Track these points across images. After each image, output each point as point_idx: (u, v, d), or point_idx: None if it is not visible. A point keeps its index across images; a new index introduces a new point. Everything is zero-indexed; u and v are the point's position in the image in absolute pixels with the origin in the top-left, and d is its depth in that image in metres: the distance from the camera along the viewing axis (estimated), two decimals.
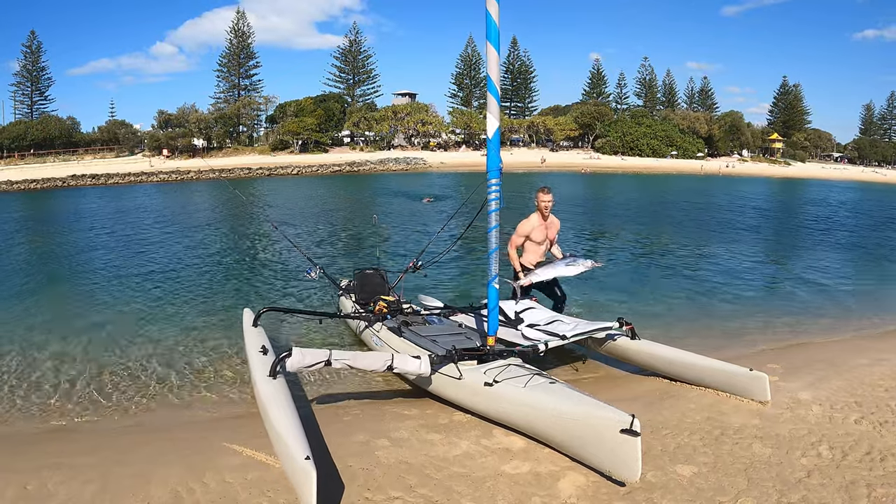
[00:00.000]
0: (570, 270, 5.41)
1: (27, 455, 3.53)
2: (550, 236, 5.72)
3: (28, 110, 69.52)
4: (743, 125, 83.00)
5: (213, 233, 15.22)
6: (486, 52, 3.84)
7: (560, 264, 5.45)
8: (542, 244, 5.67)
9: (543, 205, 5.55)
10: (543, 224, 5.63)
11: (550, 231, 5.71)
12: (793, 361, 5.13)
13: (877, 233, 17.76)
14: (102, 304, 7.73)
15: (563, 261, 5.49)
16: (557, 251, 5.81)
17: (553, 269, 5.44)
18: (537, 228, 5.62)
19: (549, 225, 5.70)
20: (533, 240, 5.63)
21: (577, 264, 5.36)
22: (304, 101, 69.64)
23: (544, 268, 5.48)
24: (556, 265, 5.46)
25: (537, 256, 5.69)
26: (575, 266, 5.38)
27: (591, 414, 2.99)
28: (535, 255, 5.68)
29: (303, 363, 3.68)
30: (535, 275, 5.41)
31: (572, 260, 5.43)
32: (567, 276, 5.44)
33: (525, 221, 5.63)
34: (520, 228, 5.62)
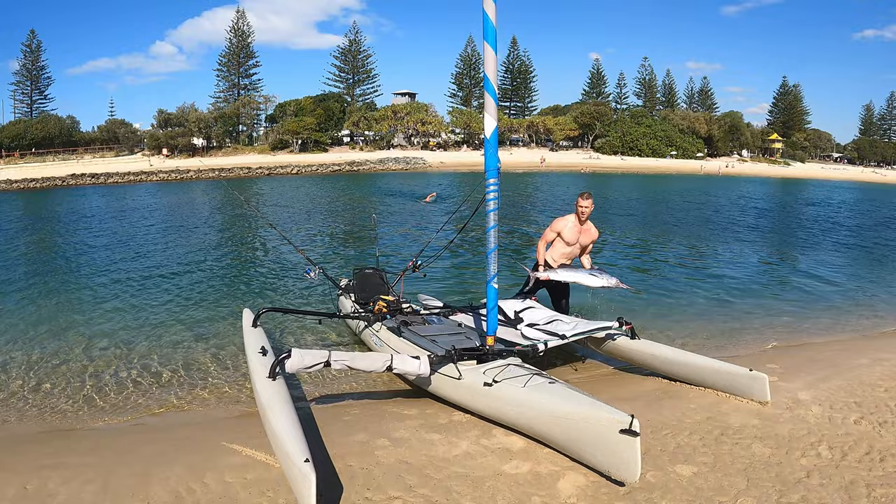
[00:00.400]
0: (591, 281, 5.21)
1: (27, 455, 3.53)
2: (583, 242, 5.62)
3: (28, 109, 69.61)
4: (742, 125, 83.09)
5: (213, 233, 15.22)
6: (484, 53, 3.84)
7: (583, 272, 5.33)
8: (571, 246, 5.60)
9: (581, 209, 5.48)
10: (578, 227, 5.58)
11: (584, 237, 5.62)
12: (792, 361, 5.13)
13: (876, 233, 17.77)
14: (102, 303, 7.73)
15: (587, 270, 5.38)
16: (587, 262, 5.69)
17: (574, 273, 5.34)
18: (570, 229, 5.56)
19: (585, 231, 5.62)
20: (564, 238, 5.58)
21: (601, 277, 5.17)
22: (304, 101, 69.69)
23: (567, 270, 5.42)
24: (578, 271, 5.35)
25: (563, 257, 5.62)
26: (597, 278, 5.18)
27: (590, 414, 2.99)
28: (560, 255, 5.61)
29: (302, 364, 3.68)
30: (555, 273, 5.34)
31: (598, 272, 5.26)
32: (587, 285, 5.26)
33: (561, 218, 5.63)
34: (554, 224, 5.62)
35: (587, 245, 5.67)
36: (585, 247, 5.64)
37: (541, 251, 5.60)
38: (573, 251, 5.64)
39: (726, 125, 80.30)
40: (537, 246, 5.65)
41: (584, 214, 5.51)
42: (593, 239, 5.72)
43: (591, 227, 5.67)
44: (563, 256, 5.64)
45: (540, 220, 18.30)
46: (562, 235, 5.57)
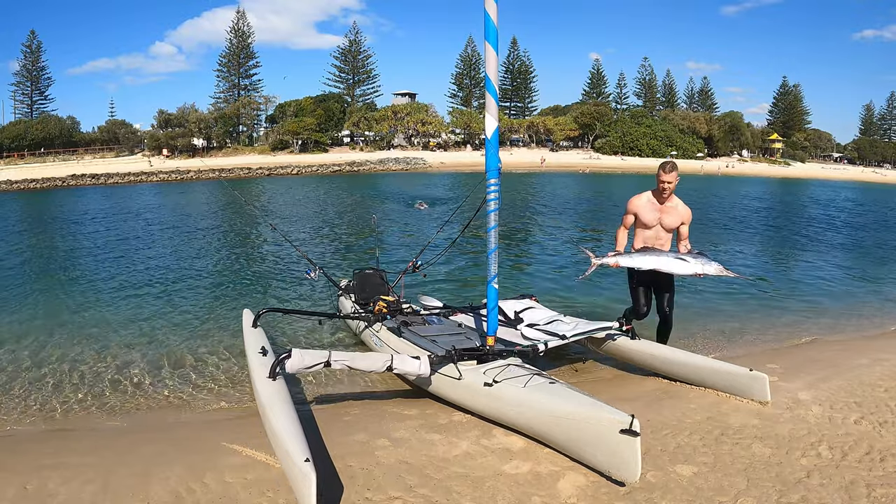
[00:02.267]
0: (679, 267, 4.41)
1: (27, 455, 3.53)
2: (667, 223, 4.73)
3: (28, 110, 69.66)
4: (743, 125, 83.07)
5: (213, 233, 15.22)
6: (485, 53, 3.84)
7: (667, 256, 4.49)
8: (651, 228, 4.77)
9: (662, 185, 4.65)
10: (657, 205, 4.75)
11: (667, 217, 4.72)
12: (792, 361, 5.13)
13: (876, 233, 17.77)
14: (102, 303, 7.73)
15: (674, 253, 4.53)
16: (684, 250, 4.78)
17: (651, 257, 4.46)
18: (647, 207, 4.74)
19: (668, 210, 4.72)
20: (642, 220, 4.77)
21: (693, 263, 4.36)
22: (304, 101, 69.72)
23: (643, 254, 4.56)
24: (658, 253, 4.51)
25: (644, 243, 4.79)
26: (687, 264, 4.38)
27: (590, 414, 2.99)
28: (641, 241, 4.80)
29: (302, 364, 3.68)
30: (625, 258, 4.56)
31: (690, 256, 4.44)
32: (673, 272, 4.51)
33: (636, 196, 4.83)
34: (629, 203, 4.85)
35: (674, 227, 4.75)
36: (672, 229, 4.76)
37: (618, 237, 4.88)
38: (656, 235, 4.77)
39: (726, 125, 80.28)
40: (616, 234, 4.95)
41: (667, 191, 4.66)
42: (684, 219, 4.75)
43: (679, 204, 4.75)
44: (645, 242, 4.80)
45: (539, 221, 18.29)
46: (639, 216, 4.77)
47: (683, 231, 4.78)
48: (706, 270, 4.35)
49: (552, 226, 17.12)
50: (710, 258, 4.39)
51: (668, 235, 4.77)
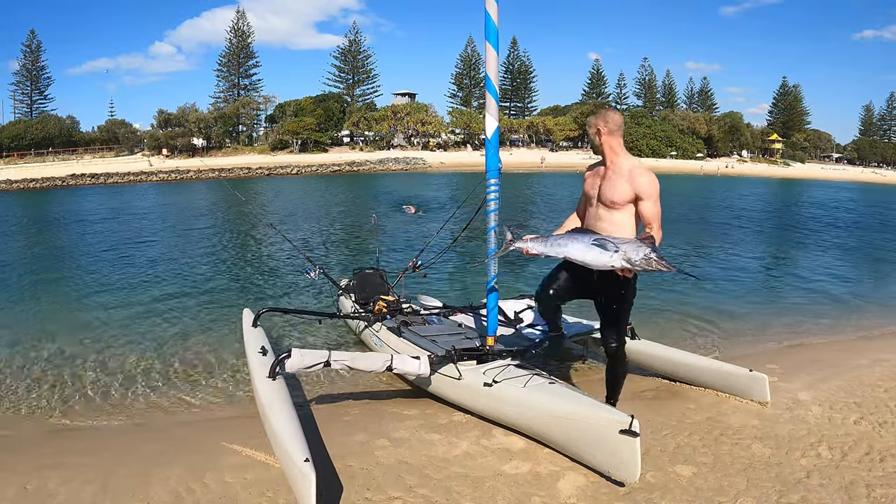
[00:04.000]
0: (589, 255, 3.04)
1: (27, 455, 3.53)
2: (606, 195, 3.27)
3: (27, 109, 69.62)
4: (742, 126, 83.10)
5: (213, 233, 15.22)
6: (485, 53, 3.83)
7: (582, 238, 3.10)
8: (591, 204, 3.40)
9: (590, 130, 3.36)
10: (600, 171, 3.39)
11: (607, 187, 3.27)
12: (792, 362, 5.14)
13: (876, 233, 17.77)
14: (102, 303, 7.73)
15: (590, 236, 3.11)
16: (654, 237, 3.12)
17: (562, 241, 3.17)
18: (590, 174, 3.48)
19: (611, 176, 3.28)
20: (585, 195, 3.51)
21: (608, 249, 2.98)
22: (304, 101, 69.71)
23: (559, 238, 3.22)
24: (576, 237, 3.14)
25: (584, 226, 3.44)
26: (600, 251, 3.00)
27: (590, 414, 2.99)
28: (583, 224, 3.49)
29: (302, 364, 3.68)
30: (537, 242, 3.32)
31: (611, 240, 3.03)
32: (583, 261, 3.07)
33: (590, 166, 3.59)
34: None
35: (620, 202, 3.23)
36: (617, 205, 3.23)
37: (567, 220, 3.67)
38: (595, 214, 3.35)
39: (726, 125, 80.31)
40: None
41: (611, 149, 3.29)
42: (640, 192, 3.19)
43: (633, 168, 3.24)
44: (584, 226, 3.43)
45: (539, 221, 18.29)
46: (584, 188, 3.55)
47: (644, 211, 3.21)
48: (630, 259, 2.93)
49: (553, 226, 17.12)
50: (646, 246, 2.98)
51: (614, 216, 3.26)
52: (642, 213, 3.24)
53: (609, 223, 3.27)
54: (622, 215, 3.25)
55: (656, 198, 3.22)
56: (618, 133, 3.30)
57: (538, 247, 3.31)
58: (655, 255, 2.91)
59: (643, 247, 2.96)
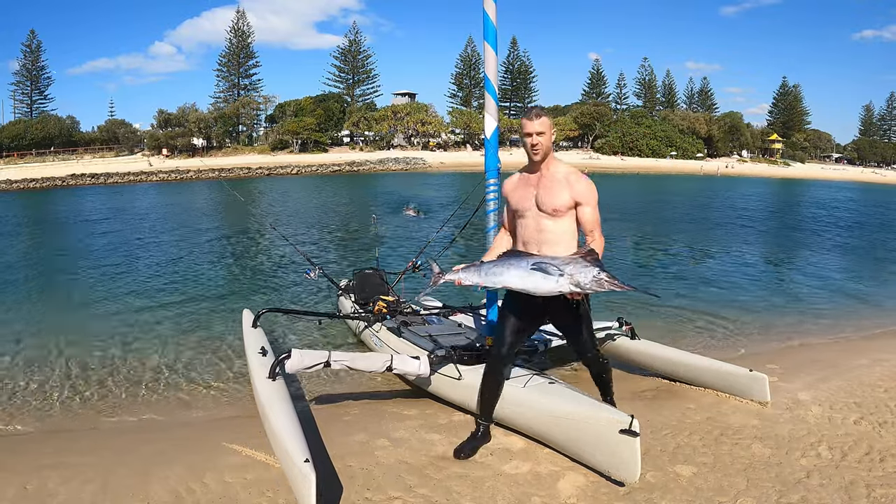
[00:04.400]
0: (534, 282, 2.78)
1: (27, 455, 3.53)
2: (546, 204, 3.03)
3: (28, 109, 69.64)
4: (742, 126, 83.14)
5: (212, 233, 15.22)
6: (485, 53, 3.84)
7: (524, 263, 2.84)
8: (527, 216, 3.11)
9: (529, 141, 3.03)
10: (530, 179, 3.14)
11: (546, 194, 3.04)
12: (792, 362, 5.13)
13: (876, 233, 17.78)
14: (102, 304, 7.73)
15: (532, 259, 2.85)
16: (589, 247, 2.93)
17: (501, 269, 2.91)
18: (518, 184, 3.19)
19: (545, 183, 3.07)
20: (514, 207, 3.20)
21: (553, 274, 2.72)
22: (304, 101, 69.74)
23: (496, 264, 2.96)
24: (513, 262, 2.89)
25: (520, 243, 3.18)
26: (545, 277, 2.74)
27: (590, 414, 2.99)
28: (519, 244, 3.20)
29: (302, 364, 3.68)
30: (470, 271, 3.06)
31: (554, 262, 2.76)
32: (526, 289, 2.83)
33: (507, 179, 3.33)
34: (503, 189, 3.36)
35: (561, 209, 3.01)
36: (558, 212, 3.02)
37: (494, 242, 3.44)
38: (535, 227, 3.08)
39: (726, 125, 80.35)
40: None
41: (538, 150, 3.03)
42: (580, 197, 3.01)
43: (568, 173, 3.07)
44: (524, 244, 3.14)
45: None
46: (510, 203, 3.23)
47: (585, 217, 3.03)
48: (579, 283, 2.68)
49: None
50: (592, 264, 2.71)
51: (558, 224, 3.04)
52: (582, 220, 3.06)
53: (552, 233, 3.05)
54: (565, 223, 3.06)
55: (595, 203, 3.07)
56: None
57: (471, 277, 3.04)
58: (606, 276, 2.68)
59: (590, 266, 2.70)
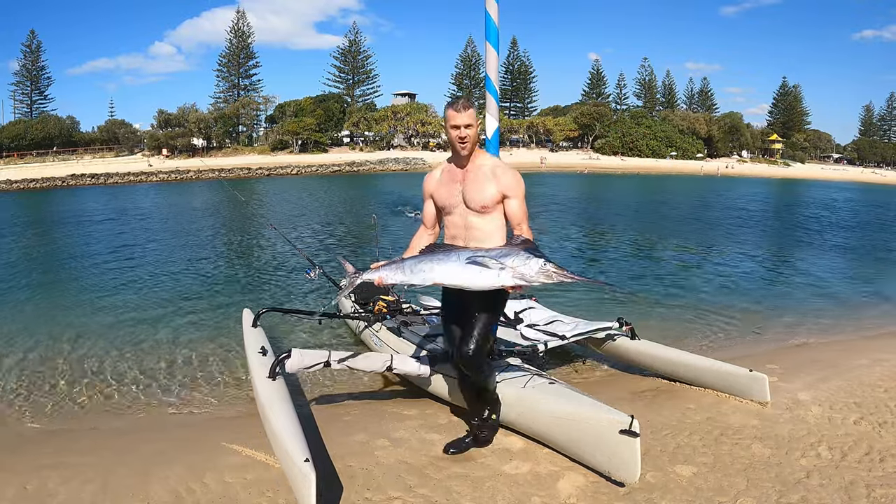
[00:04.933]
0: (469, 276, 2.65)
1: (27, 455, 3.53)
2: (474, 199, 2.93)
3: (27, 110, 69.65)
4: (742, 126, 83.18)
5: (213, 233, 15.22)
6: (486, 53, 3.85)
7: (454, 256, 2.72)
8: (454, 213, 3.01)
9: (456, 133, 2.87)
10: (456, 173, 3.00)
11: (472, 189, 2.93)
12: (792, 362, 5.13)
13: (876, 233, 17.78)
14: (102, 304, 7.73)
15: (465, 252, 2.73)
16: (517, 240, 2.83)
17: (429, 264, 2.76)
18: (443, 180, 3.06)
19: (472, 177, 2.95)
20: (440, 203, 3.06)
21: (492, 267, 2.60)
22: (304, 101, 69.77)
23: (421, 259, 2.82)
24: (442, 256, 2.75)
25: (449, 238, 3.06)
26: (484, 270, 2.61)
27: (590, 414, 2.99)
28: (448, 239, 3.08)
29: (302, 364, 3.68)
30: (392, 268, 2.88)
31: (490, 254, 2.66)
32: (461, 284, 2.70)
33: (431, 172, 3.20)
34: (424, 185, 3.17)
35: (489, 204, 2.91)
36: (487, 208, 2.92)
37: (414, 240, 3.20)
38: (463, 223, 2.98)
39: (726, 126, 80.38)
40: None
41: (466, 143, 2.88)
42: (507, 190, 2.92)
43: (495, 166, 2.97)
44: (452, 238, 3.03)
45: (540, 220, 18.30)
46: (436, 199, 3.09)
47: (513, 210, 2.93)
48: (524, 276, 2.55)
49: (553, 225, 17.13)
50: (535, 254, 2.58)
51: (486, 221, 2.94)
52: (510, 213, 2.94)
53: (481, 230, 2.94)
54: (494, 218, 2.95)
55: (523, 196, 2.97)
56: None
57: (395, 275, 2.84)
58: (552, 266, 2.55)
59: (532, 258, 2.54)
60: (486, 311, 2.97)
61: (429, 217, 3.14)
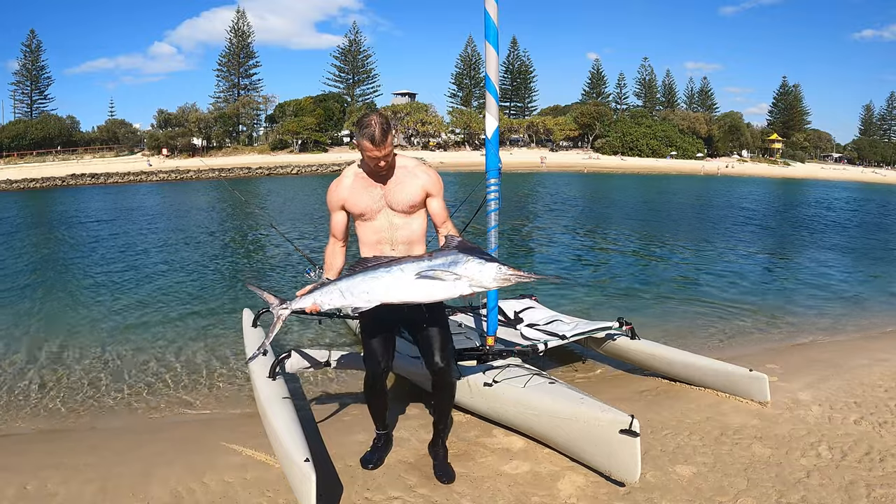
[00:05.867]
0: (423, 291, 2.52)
1: (27, 455, 3.53)
2: (399, 201, 2.86)
3: (28, 109, 69.65)
4: (742, 125, 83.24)
5: (213, 233, 15.22)
6: (485, 53, 3.84)
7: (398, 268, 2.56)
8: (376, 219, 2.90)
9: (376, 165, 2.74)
10: (373, 182, 2.88)
11: (398, 192, 2.86)
12: (792, 361, 5.14)
13: (876, 233, 17.78)
14: (102, 304, 7.72)
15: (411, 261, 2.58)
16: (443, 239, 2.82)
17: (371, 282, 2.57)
18: (357, 188, 2.89)
19: (394, 180, 2.87)
20: (357, 211, 2.90)
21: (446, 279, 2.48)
22: (304, 101, 69.77)
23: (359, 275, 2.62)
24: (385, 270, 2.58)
25: (371, 250, 2.92)
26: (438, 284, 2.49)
27: (590, 414, 2.99)
28: (369, 250, 2.93)
29: (302, 364, 3.68)
30: (328, 291, 2.71)
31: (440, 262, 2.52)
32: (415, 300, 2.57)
33: (334, 183, 2.96)
34: (329, 197, 2.96)
35: (415, 204, 2.88)
36: (413, 209, 2.89)
37: (327, 259, 3.07)
38: (389, 227, 2.89)
39: (726, 125, 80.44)
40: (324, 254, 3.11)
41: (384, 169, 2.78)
42: (428, 188, 2.89)
43: (413, 167, 2.91)
44: (376, 247, 2.92)
45: (540, 220, 18.29)
46: (350, 208, 2.92)
47: (435, 209, 2.92)
48: (482, 283, 2.47)
49: (553, 224, 17.12)
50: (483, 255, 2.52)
51: (412, 221, 2.91)
52: (434, 213, 2.92)
53: (410, 231, 2.90)
54: (419, 217, 2.93)
55: (442, 193, 2.98)
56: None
57: (332, 299, 2.67)
58: (508, 269, 2.48)
59: (485, 262, 2.47)
60: (441, 318, 2.96)
61: (339, 228, 2.98)
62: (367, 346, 2.98)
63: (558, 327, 4.62)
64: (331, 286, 2.69)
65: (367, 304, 2.57)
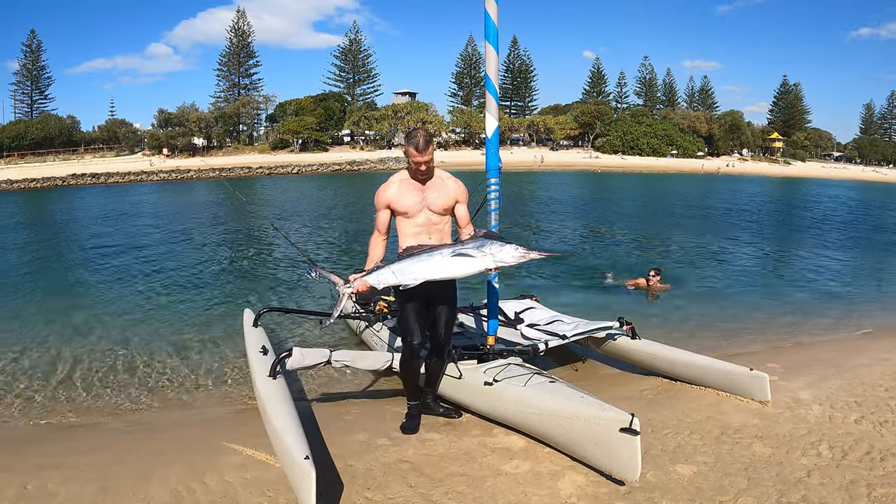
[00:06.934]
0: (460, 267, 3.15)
1: (27, 455, 3.53)
2: (436, 203, 3.47)
3: (28, 109, 69.60)
4: (743, 124, 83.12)
5: (213, 233, 15.22)
6: (485, 52, 3.84)
7: (438, 253, 3.18)
8: (418, 216, 3.49)
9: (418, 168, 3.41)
10: (417, 186, 3.48)
11: (434, 195, 3.47)
12: (793, 361, 5.13)
13: (877, 232, 17.76)
14: (102, 303, 7.73)
15: (447, 246, 3.23)
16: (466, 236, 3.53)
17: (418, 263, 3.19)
18: (402, 190, 3.48)
19: (432, 187, 3.49)
20: (401, 210, 3.48)
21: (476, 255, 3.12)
22: (305, 100, 69.72)
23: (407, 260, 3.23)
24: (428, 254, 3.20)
25: (412, 240, 3.47)
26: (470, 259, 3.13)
27: (590, 413, 2.99)
28: (410, 240, 3.48)
29: (303, 363, 3.68)
30: (382, 272, 3.27)
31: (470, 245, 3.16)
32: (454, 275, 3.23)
33: (383, 186, 3.55)
34: (377, 198, 3.53)
35: (448, 207, 3.52)
36: (446, 211, 3.52)
37: (371, 250, 3.55)
38: (427, 223, 3.50)
39: (727, 124, 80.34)
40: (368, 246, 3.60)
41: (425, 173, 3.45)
42: (458, 197, 3.54)
43: (447, 178, 3.55)
44: (416, 239, 3.49)
45: (539, 220, 18.29)
46: (395, 208, 3.50)
47: (461, 213, 3.57)
48: (503, 259, 3.09)
49: (552, 224, 17.12)
50: (503, 239, 3.14)
51: (444, 219, 3.55)
52: (460, 216, 3.60)
53: (442, 231, 3.57)
54: (448, 217, 3.61)
55: (467, 201, 3.65)
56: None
57: (386, 278, 3.26)
58: (523, 248, 3.12)
59: (505, 244, 3.12)
60: (453, 302, 3.64)
61: (383, 224, 3.56)
62: (406, 324, 3.52)
63: (559, 327, 4.62)
64: (384, 269, 3.28)
65: (413, 281, 3.20)
